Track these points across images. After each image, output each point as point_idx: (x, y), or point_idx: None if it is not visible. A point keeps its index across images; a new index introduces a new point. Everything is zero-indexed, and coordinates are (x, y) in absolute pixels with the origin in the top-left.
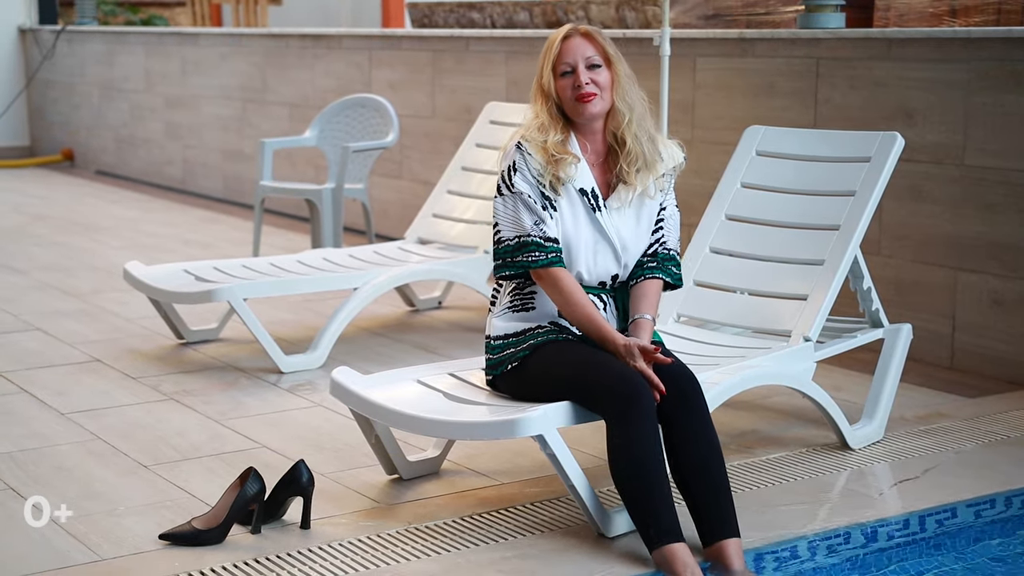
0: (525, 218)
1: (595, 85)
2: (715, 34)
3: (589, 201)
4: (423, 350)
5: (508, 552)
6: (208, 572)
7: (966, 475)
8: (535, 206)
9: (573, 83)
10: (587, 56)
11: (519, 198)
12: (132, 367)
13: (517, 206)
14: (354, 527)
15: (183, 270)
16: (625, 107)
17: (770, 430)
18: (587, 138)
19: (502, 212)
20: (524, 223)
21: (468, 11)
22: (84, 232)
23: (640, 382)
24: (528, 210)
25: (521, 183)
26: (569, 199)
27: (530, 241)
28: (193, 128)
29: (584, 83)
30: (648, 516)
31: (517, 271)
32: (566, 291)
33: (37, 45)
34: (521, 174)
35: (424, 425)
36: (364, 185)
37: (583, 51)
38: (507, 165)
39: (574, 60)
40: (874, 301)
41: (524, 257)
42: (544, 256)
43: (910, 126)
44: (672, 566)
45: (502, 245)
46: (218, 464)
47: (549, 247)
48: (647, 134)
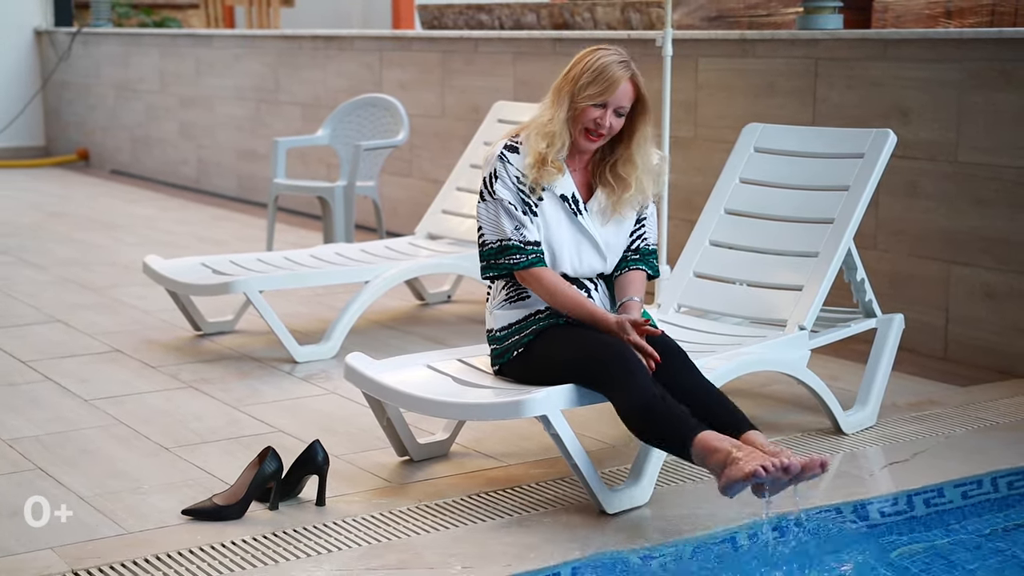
0: (506, 223)
1: (610, 129)
2: (717, 35)
3: (570, 206)
4: (432, 342)
5: (513, 527)
6: (229, 544)
7: (955, 458)
8: (515, 212)
9: (597, 118)
10: (623, 105)
11: (500, 204)
12: (151, 357)
13: (498, 212)
14: (367, 504)
15: (200, 263)
16: (640, 160)
17: (768, 416)
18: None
19: (484, 217)
20: (505, 228)
21: (477, 13)
22: (101, 229)
23: (635, 354)
24: (508, 216)
25: (502, 190)
26: (551, 203)
27: (511, 245)
28: (207, 128)
29: (606, 125)
30: (675, 430)
31: (501, 272)
32: (549, 286)
33: (53, 47)
34: (502, 181)
35: (433, 406)
36: (375, 183)
37: (626, 99)
38: (489, 172)
39: (617, 103)
40: (867, 292)
41: (506, 260)
42: (525, 258)
43: (905, 124)
44: (710, 444)
45: (485, 248)
46: (236, 447)
47: (529, 250)
48: (650, 178)
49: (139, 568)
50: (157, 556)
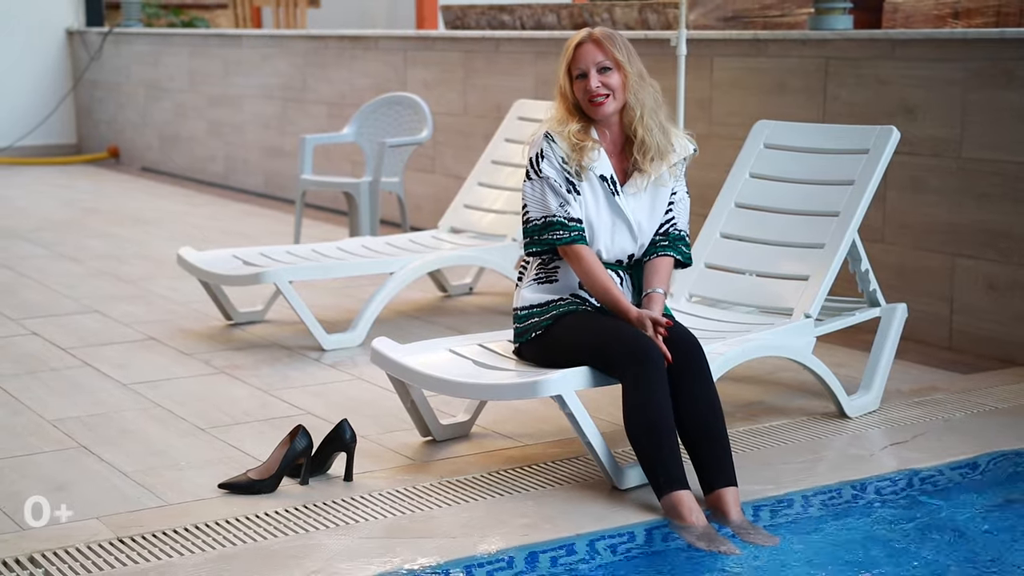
0: (551, 200)
1: (606, 87)
2: (730, 35)
3: (608, 186)
4: (455, 331)
5: (530, 502)
6: (262, 515)
7: (953, 440)
8: (560, 189)
9: (585, 86)
10: (598, 61)
11: (546, 182)
12: (185, 345)
13: (544, 189)
14: (392, 480)
15: (232, 255)
16: (636, 104)
17: (774, 401)
18: (605, 130)
19: (530, 195)
20: (550, 205)
21: (499, 13)
22: (133, 224)
23: (653, 347)
24: (554, 193)
25: (548, 168)
26: (591, 184)
27: (555, 221)
28: (235, 126)
29: (595, 87)
30: (658, 467)
31: (543, 248)
32: (587, 265)
33: (84, 47)
34: (548, 160)
35: (454, 387)
36: (399, 179)
37: (594, 57)
38: (535, 153)
39: (586, 65)
40: (871, 282)
41: (550, 235)
42: (568, 234)
43: (911, 121)
44: (679, 510)
45: (530, 224)
46: (267, 428)
47: (572, 226)
48: (659, 126)
49: (179, 536)
50: (196, 526)
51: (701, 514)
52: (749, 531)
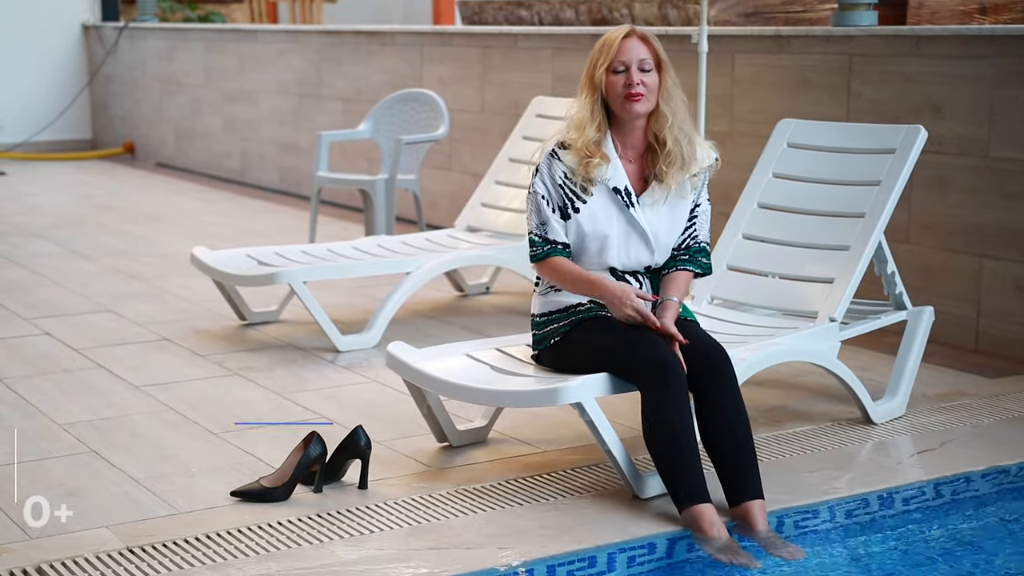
0: (533, 217)
1: (644, 86)
2: (752, 31)
3: (623, 199)
4: (471, 332)
5: (549, 511)
6: (275, 524)
7: (982, 447)
8: (544, 208)
9: (625, 81)
10: (641, 58)
11: (535, 198)
12: (198, 345)
13: (531, 205)
14: (407, 488)
15: (246, 255)
16: (669, 111)
17: (798, 406)
18: (627, 135)
19: (527, 206)
20: (531, 221)
21: (516, 9)
22: (147, 221)
23: (673, 356)
24: (538, 212)
25: (539, 185)
26: (602, 196)
27: (531, 238)
28: (251, 122)
29: (636, 83)
30: (678, 479)
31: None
32: (562, 271)
33: (100, 41)
34: (541, 177)
35: (472, 394)
36: (416, 176)
37: (638, 53)
38: (535, 166)
39: (629, 60)
40: (898, 285)
41: (529, 250)
42: (541, 251)
43: (938, 119)
44: (699, 524)
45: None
46: (281, 432)
47: (541, 243)
48: (686, 136)
49: (190, 546)
50: (207, 535)
51: (723, 527)
52: (776, 544)
